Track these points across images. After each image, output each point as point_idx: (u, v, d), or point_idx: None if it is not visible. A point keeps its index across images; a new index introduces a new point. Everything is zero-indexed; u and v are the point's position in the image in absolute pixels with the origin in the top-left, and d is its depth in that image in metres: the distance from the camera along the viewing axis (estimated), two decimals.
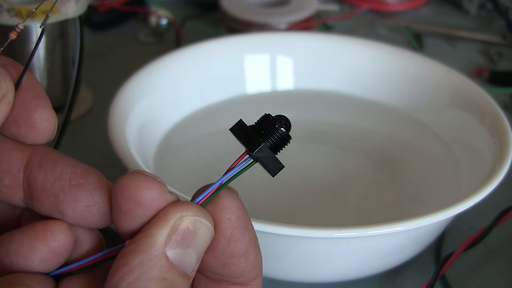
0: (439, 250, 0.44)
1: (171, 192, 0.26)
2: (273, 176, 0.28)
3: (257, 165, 0.28)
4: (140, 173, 0.25)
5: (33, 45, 0.50)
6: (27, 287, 0.25)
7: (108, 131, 0.43)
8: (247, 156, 0.27)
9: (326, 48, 0.56)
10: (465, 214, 0.39)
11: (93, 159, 0.49)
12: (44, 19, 0.28)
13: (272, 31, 0.65)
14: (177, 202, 0.26)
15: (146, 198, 0.25)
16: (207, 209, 0.26)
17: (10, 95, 0.27)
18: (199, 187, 0.28)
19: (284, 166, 0.28)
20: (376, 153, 0.51)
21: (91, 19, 0.70)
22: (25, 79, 0.28)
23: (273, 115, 0.28)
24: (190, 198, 0.37)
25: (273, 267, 0.40)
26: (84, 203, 0.27)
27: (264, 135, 0.27)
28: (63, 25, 0.51)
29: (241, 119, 0.28)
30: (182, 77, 0.53)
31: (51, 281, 0.26)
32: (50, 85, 0.53)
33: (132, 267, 0.24)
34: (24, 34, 0.50)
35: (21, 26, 0.28)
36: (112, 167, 0.30)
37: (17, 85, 0.28)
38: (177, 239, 0.25)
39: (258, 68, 0.56)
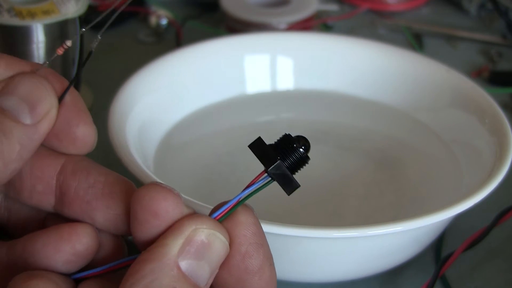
0: (439, 250, 0.44)
1: (187, 206, 0.26)
2: (288, 195, 0.28)
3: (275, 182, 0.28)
4: (157, 184, 0.26)
5: (33, 45, 0.50)
6: (49, 279, 0.26)
7: (108, 131, 0.43)
8: (265, 174, 0.27)
9: (326, 48, 0.56)
10: (465, 214, 0.39)
11: (93, 159, 0.49)
12: (94, 40, 0.28)
13: (272, 31, 0.65)
14: (193, 214, 0.26)
15: (161, 209, 0.25)
16: (223, 224, 0.26)
17: (54, 111, 0.27)
18: (199, 187, 0.28)
19: (300, 186, 0.28)
20: (376, 153, 0.51)
21: (91, 19, 0.70)
22: (67, 93, 0.28)
23: (293, 135, 0.28)
24: (190, 198, 0.38)
25: None
26: (116, 211, 0.27)
27: (281, 154, 0.27)
28: (63, 25, 0.51)
29: (260, 137, 0.28)
30: (182, 77, 0.53)
31: (71, 282, 0.27)
32: None
33: (144, 274, 0.24)
34: (24, 34, 0.50)
35: (68, 44, 0.29)
36: (112, 167, 0.30)
37: (60, 99, 0.28)
38: (191, 251, 0.25)
39: (258, 68, 0.56)
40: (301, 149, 0.28)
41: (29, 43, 0.50)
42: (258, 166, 0.53)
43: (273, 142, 0.28)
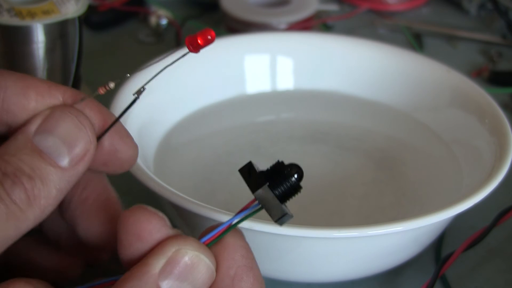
0: (439, 250, 0.44)
1: (173, 228, 0.26)
2: (275, 222, 0.27)
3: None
4: (142, 207, 0.26)
5: (33, 45, 0.50)
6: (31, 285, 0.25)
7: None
8: (257, 202, 0.27)
9: (326, 48, 0.56)
10: (465, 214, 0.39)
11: None
12: (139, 89, 0.29)
13: (272, 31, 0.65)
14: (177, 236, 0.26)
15: (145, 232, 0.25)
16: (212, 248, 0.26)
17: (91, 151, 0.27)
18: (199, 187, 0.28)
19: (291, 216, 0.27)
20: (376, 153, 0.51)
21: (91, 19, 0.70)
22: (109, 120, 0.28)
23: (285, 163, 0.27)
24: (190, 198, 0.37)
25: (273, 267, 0.40)
26: (97, 230, 0.29)
27: (271, 181, 0.27)
28: (63, 25, 0.51)
29: (250, 161, 0.27)
30: (182, 77, 0.53)
31: None
32: None
33: None
34: (24, 34, 0.50)
35: (111, 85, 0.28)
36: None
37: (105, 132, 0.28)
38: (173, 271, 0.25)
39: (258, 68, 0.56)
40: (292, 178, 0.27)
41: (29, 43, 0.50)
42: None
43: (266, 168, 0.27)
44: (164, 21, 0.71)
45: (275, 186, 0.26)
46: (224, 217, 0.36)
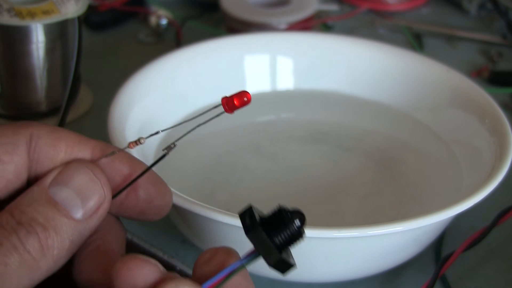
0: (439, 250, 0.44)
1: (169, 272, 0.26)
2: (269, 266, 0.26)
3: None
4: (133, 257, 0.25)
5: (33, 45, 0.50)
6: None
7: (108, 131, 0.43)
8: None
9: (326, 48, 0.56)
10: (465, 214, 0.39)
11: None
12: (169, 145, 0.30)
13: (272, 31, 0.65)
14: (174, 277, 0.25)
15: (138, 280, 0.25)
16: None
17: (106, 205, 0.27)
18: (199, 187, 0.28)
19: (288, 263, 0.26)
20: (376, 153, 0.51)
21: (91, 19, 0.70)
22: (139, 171, 0.29)
23: (288, 208, 0.26)
24: (191, 198, 0.37)
25: None
26: (93, 277, 0.28)
27: (270, 227, 0.26)
28: (63, 25, 0.51)
29: (251, 205, 0.27)
30: (182, 77, 0.53)
31: None
32: (50, 85, 0.53)
33: None
34: (24, 34, 0.50)
35: (142, 141, 0.29)
36: None
37: (136, 179, 0.28)
38: None
39: (258, 68, 0.56)
40: (293, 225, 0.26)
41: (29, 43, 0.50)
42: (257, 167, 0.53)
43: (268, 213, 0.26)
44: (164, 21, 0.71)
45: (275, 234, 0.26)
46: (224, 217, 0.36)
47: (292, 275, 0.41)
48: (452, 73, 0.52)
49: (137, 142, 0.29)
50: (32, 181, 0.28)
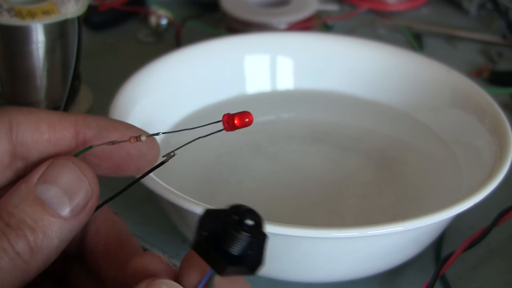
0: (439, 250, 0.44)
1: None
2: (218, 274, 0.24)
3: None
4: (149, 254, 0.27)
5: (33, 45, 0.50)
6: None
7: None
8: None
9: (326, 48, 0.56)
10: (465, 214, 0.39)
11: None
12: (169, 153, 0.30)
13: (272, 31, 0.65)
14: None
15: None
16: None
17: (93, 201, 0.28)
18: (199, 187, 0.28)
19: (232, 268, 0.24)
20: (376, 153, 0.51)
21: (91, 19, 0.70)
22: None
23: (245, 209, 0.24)
24: (190, 198, 0.37)
25: (273, 267, 0.40)
26: None
27: (215, 233, 0.24)
28: (63, 25, 0.51)
29: (207, 209, 0.25)
30: (182, 77, 0.53)
31: None
32: (50, 85, 0.53)
33: None
34: (24, 34, 0.50)
35: (143, 138, 0.29)
36: None
37: (135, 182, 0.29)
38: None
39: (258, 68, 0.56)
40: (243, 228, 0.24)
41: (29, 43, 0.50)
42: (257, 167, 0.53)
43: (219, 218, 0.25)
44: (164, 21, 0.71)
45: (221, 239, 0.24)
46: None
47: (292, 275, 0.41)
48: (452, 73, 0.52)
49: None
50: (23, 166, 0.28)
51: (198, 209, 0.37)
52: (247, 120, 0.27)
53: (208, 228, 0.24)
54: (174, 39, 0.69)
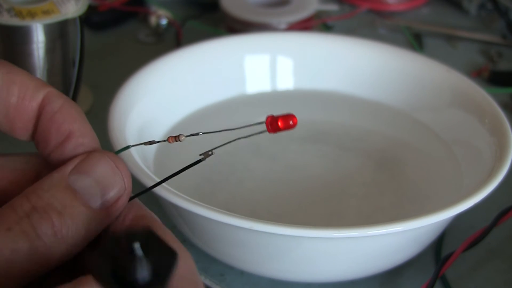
0: (439, 250, 0.44)
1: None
2: None
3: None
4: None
5: (33, 45, 0.50)
6: None
7: (108, 131, 0.43)
8: None
9: (326, 48, 0.56)
10: (465, 214, 0.39)
11: None
12: (206, 151, 0.30)
13: (272, 31, 0.65)
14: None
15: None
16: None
17: (125, 198, 0.27)
18: (199, 187, 0.28)
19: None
20: (376, 153, 0.51)
21: (91, 19, 0.70)
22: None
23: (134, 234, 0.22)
24: (190, 198, 0.37)
25: (273, 267, 0.40)
26: None
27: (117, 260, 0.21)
28: (63, 25, 0.51)
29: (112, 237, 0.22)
30: (182, 77, 0.53)
31: None
32: (50, 85, 0.53)
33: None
34: (24, 34, 0.50)
35: (182, 138, 0.29)
36: None
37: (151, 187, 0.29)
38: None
39: (258, 68, 0.56)
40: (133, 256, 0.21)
41: (29, 43, 0.50)
42: (257, 167, 0.53)
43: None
44: (164, 21, 0.71)
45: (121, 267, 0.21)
46: (224, 217, 0.36)
47: (292, 275, 0.41)
48: (452, 73, 0.52)
49: (177, 138, 0.29)
50: None
51: (198, 209, 0.37)
52: (291, 122, 0.27)
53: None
54: (174, 39, 0.69)
